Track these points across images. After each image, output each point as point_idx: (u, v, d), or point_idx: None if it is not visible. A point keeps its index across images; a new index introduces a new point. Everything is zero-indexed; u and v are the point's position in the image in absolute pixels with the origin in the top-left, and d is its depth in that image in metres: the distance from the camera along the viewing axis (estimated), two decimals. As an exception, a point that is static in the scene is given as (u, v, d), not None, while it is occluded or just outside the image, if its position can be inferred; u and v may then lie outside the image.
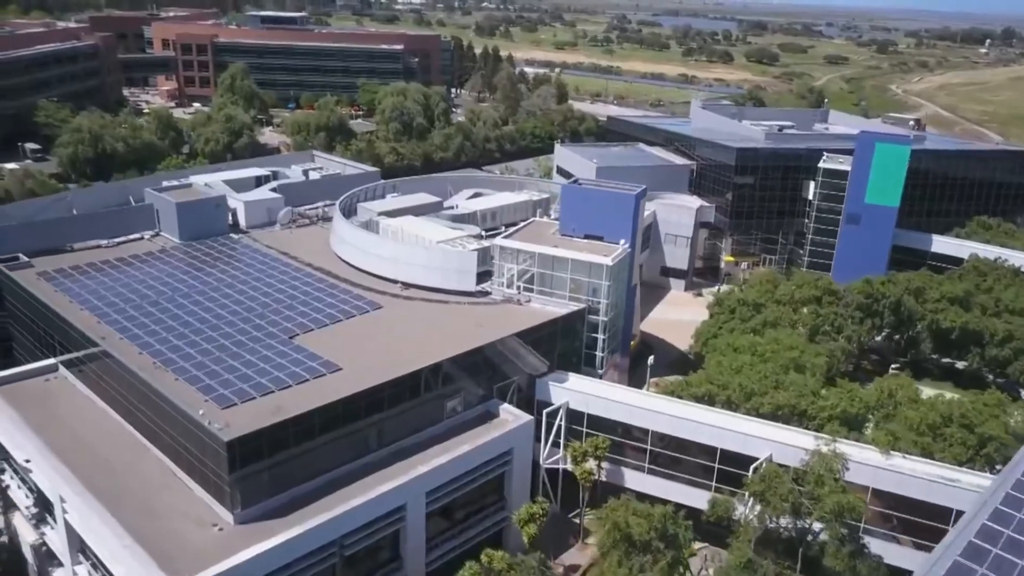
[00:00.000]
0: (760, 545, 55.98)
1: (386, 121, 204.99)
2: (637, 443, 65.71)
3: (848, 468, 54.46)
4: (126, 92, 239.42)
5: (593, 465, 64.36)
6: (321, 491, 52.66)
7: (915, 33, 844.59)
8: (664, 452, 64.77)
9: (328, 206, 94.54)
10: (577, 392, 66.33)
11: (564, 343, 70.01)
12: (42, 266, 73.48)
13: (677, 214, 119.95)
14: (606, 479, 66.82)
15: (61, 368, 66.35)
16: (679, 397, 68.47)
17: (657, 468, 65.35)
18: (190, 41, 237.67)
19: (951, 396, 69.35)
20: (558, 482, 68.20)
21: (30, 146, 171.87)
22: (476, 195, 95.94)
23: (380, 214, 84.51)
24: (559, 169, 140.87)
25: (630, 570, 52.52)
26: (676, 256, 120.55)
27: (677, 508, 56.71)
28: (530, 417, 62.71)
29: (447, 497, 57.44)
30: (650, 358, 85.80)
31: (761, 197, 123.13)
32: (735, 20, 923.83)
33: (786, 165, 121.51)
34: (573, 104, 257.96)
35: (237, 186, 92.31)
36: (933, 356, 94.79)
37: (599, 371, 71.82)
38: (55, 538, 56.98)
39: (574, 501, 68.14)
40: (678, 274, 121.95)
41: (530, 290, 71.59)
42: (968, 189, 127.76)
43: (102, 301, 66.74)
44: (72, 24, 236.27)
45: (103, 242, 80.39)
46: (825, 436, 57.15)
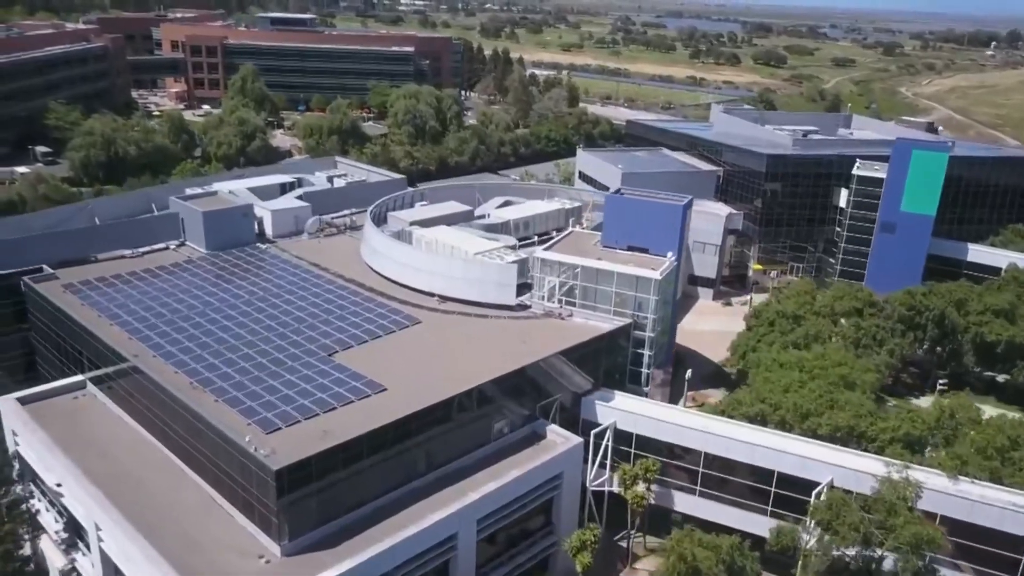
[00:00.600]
0: None
1: (398, 124, 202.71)
2: (688, 465, 63.19)
3: (921, 496, 51.96)
4: (134, 94, 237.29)
5: (642, 488, 61.90)
6: (369, 519, 50.25)
7: (920, 35, 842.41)
8: (716, 474, 62.28)
9: (355, 214, 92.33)
10: (625, 412, 63.84)
11: (608, 359, 67.58)
12: (67, 278, 71.08)
13: (705, 221, 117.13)
14: (653, 501, 64.31)
15: (89, 385, 63.91)
16: (730, 416, 65.99)
17: (709, 491, 62.85)
18: (200, 43, 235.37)
19: (1014, 416, 66.82)
20: (603, 504, 65.69)
21: (40, 149, 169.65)
22: (506, 203, 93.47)
23: (412, 224, 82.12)
24: (581, 175, 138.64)
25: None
26: (704, 264, 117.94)
27: (743, 537, 54.20)
28: (580, 439, 60.23)
29: (497, 524, 55.00)
30: (687, 372, 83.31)
31: (791, 204, 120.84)
32: (739, 22, 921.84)
33: (817, 172, 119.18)
34: (587, 107, 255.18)
35: (262, 194, 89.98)
36: (975, 369, 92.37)
37: (644, 388, 69.37)
38: (86, 565, 54.76)
39: (619, 522, 65.67)
40: (706, 283, 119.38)
41: (572, 304, 69.13)
42: (1000, 196, 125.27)
43: (132, 316, 64.31)
44: (81, 25, 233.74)
45: (127, 252, 78.02)
46: (895, 462, 54.58)
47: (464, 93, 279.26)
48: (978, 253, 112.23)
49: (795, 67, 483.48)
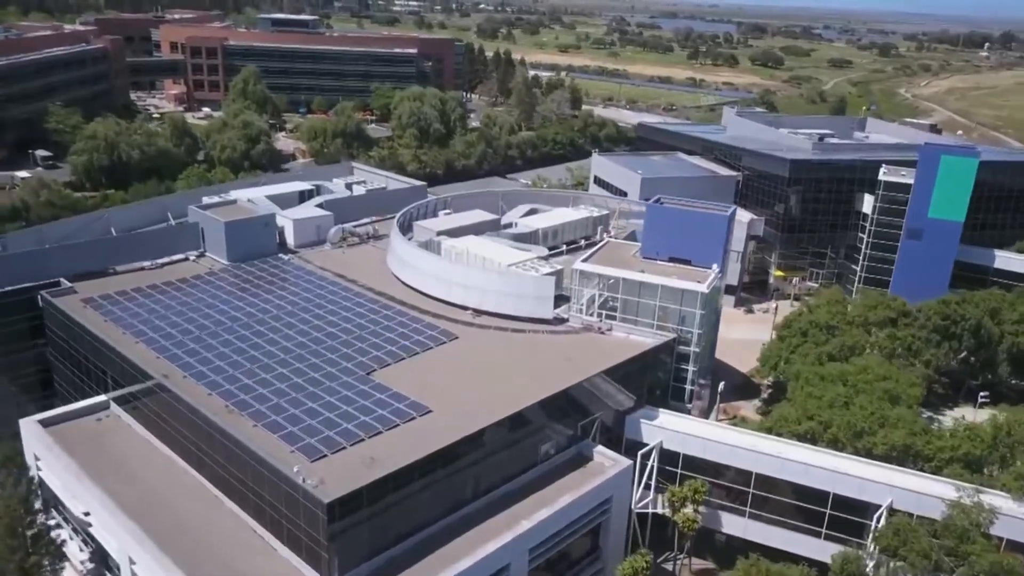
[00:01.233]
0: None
1: (402, 127, 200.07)
2: (737, 485, 60.91)
3: (995, 521, 49.80)
4: (132, 96, 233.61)
5: (691, 510, 59.61)
6: (419, 551, 47.90)
7: (913, 36, 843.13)
8: (767, 495, 60.00)
9: (375, 222, 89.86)
10: (672, 431, 61.49)
11: (651, 376, 65.26)
12: (85, 291, 68.32)
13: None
14: (700, 523, 61.97)
15: (113, 405, 61.21)
16: (777, 434, 63.76)
17: (759, 512, 60.57)
18: (200, 44, 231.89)
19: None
20: (647, 526, 63.36)
21: (41, 153, 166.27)
22: (531, 211, 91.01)
23: (439, 234, 79.61)
24: (597, 179, 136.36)
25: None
26: (726, 271, 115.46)
27: (809, 565, 51.97)
28: (629, 461, 57.96)
29: (548, 552, 52.65)
30: (720, 384, 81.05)
31: (813, 210, 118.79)
32: (733, 23, 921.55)
33: (840, 177, 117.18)
34: (593, 110, 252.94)
35: (280, 202, 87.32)
36: (1010, 380, 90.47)
37: (687, 405, 67.10)
38: (116, 598, 52.06)
39: (663, 544, 63.42)
40: (728, 290, 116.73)
41: (611, 317, 66.78)
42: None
43: (157, 332, 61.64)
44: (79, 27, 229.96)
45: (146, 264, 75.35)
46: (965, 485, 52.44)
47: (465, 95, 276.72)
48: (1006, 260, 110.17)
49: (792, 68, 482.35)
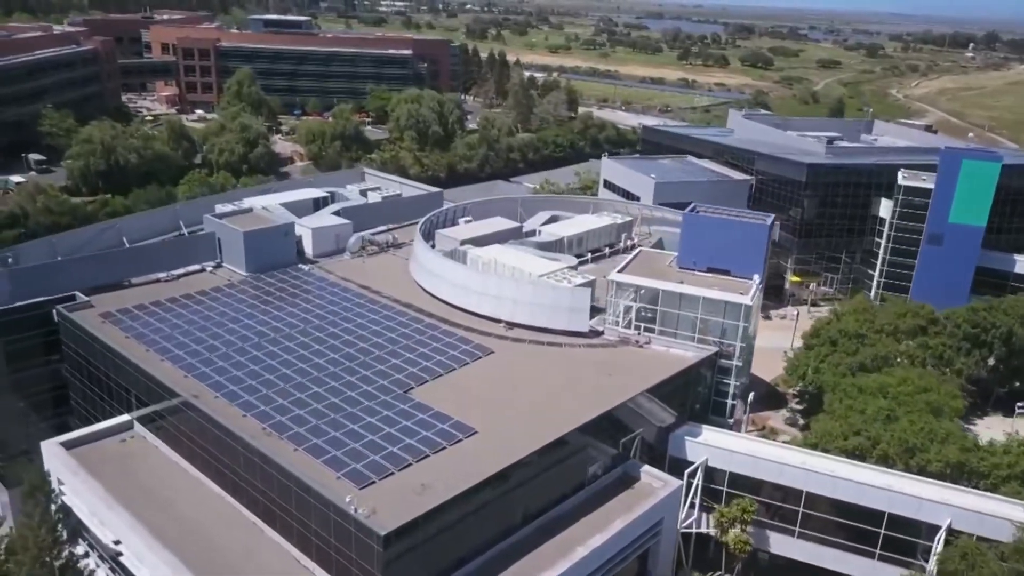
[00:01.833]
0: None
1: (400, 129, 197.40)
2: (785, 504, 59.01)
3: (1068, 545, 48.18)
4: (123, 98, 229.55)
5: (739, 531, 57.71)
6: (472, 581, 45.66)
7: (898, 37, 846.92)
8: (818, 514, 58.15)
9: (391, 230, 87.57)
10: (717, 448, 59.55)
11: (693, 390, 63.31)
12: (102, 305, 65.58)
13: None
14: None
15: (137, 425, 58.61)
16: (824, 450, 61.97)
17: (808, 531, 58.70)
18: (192, 45, 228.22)
19: None
20: (691, 547, 61.40)
21: (34, 157, 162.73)
22: (552, 218, 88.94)
23: (464, 243, 77.38)
24: (607, 183, 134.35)
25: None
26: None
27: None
28: (679, 482, 56.06)
29: (602, 579, 50.54)
30: (750, 395, 79.24)
31: (830, 214, 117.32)
32: (720, 23, 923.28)
33: (856, 181, 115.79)
34: (592, 112, 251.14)
35: (295, 209, 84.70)
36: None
37: (728, 420, 65.20)
38: (149, 631, 49.41)
39: (705, 564, 61.48)
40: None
41: (651, 330, 64.75)
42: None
43: (183, 349, 59.06)
44: (69, 28, 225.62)
45: (162, 275, 72.62)
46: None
47: (462, 97, 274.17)
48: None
49: (782, 69, 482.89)
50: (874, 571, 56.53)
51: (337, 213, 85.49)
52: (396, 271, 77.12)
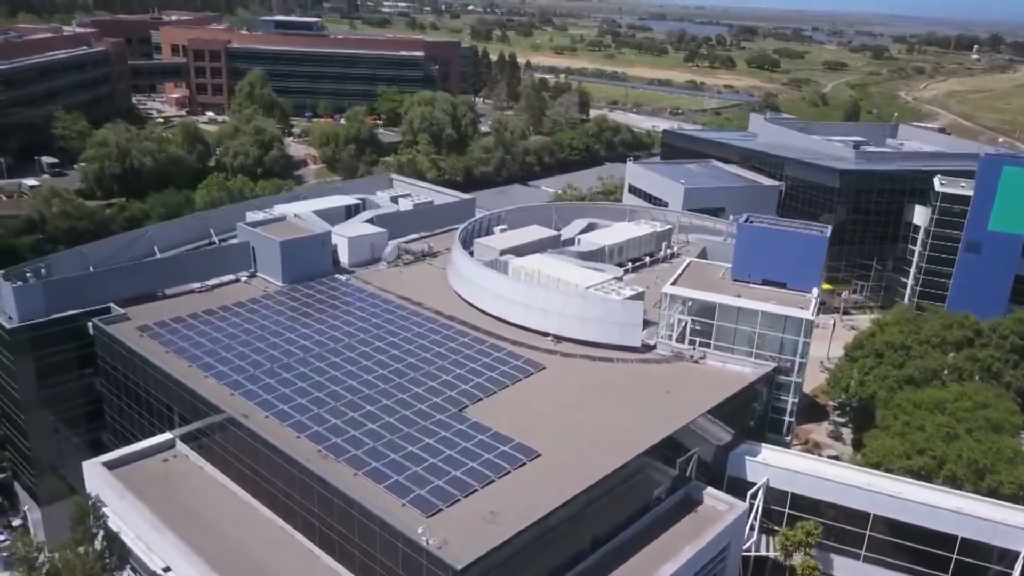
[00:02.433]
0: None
1: (414, 132, 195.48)
2: (851, 527, 57.00)
3: None
4: (133, 100, 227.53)
5: (803, 555, 55.73)
6: (543, 615, 43.61)
7: (902, 38, 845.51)
8: (885, 537, 56.15)
9: (424, 238, 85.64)
10: (779, 468, 57.56)
11: (751, 408, 61.28)
12: (138, 318, 63.46)
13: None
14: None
15: (179, 443, 56.55)
16: (887, 470, 59.95)
17: (875, 555, 56.70)
18: (203, 47, 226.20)
19: None
20: (749, 570, 59.40)
21: (47, 160, 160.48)
22: (589, 226, 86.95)
23: (504, 252, 75.40)
24: (632, 188, 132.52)
25: None
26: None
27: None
28: (744, 505, 54.10)
29: (673, 609, 48.44)
30: (795, 408, 77.22)
31: (862, 221, 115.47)
32: (723, 25, 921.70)
33: (890, 187, 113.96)
34: (607, 114, 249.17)
35: (327, 217, 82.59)
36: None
37: (786, 438, 63.18)
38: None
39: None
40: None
41: (704, 344, 62.72)
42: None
43: (226, 365, 56.97)
44: (79, 29, 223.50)
45: (196, 285, 70.54)
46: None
47: (473, 99, 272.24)
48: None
49: (789, 71, 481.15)
50: (944, 597, 54.60)
51: (370, 221, 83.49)
52: (434, 281, 75.06)
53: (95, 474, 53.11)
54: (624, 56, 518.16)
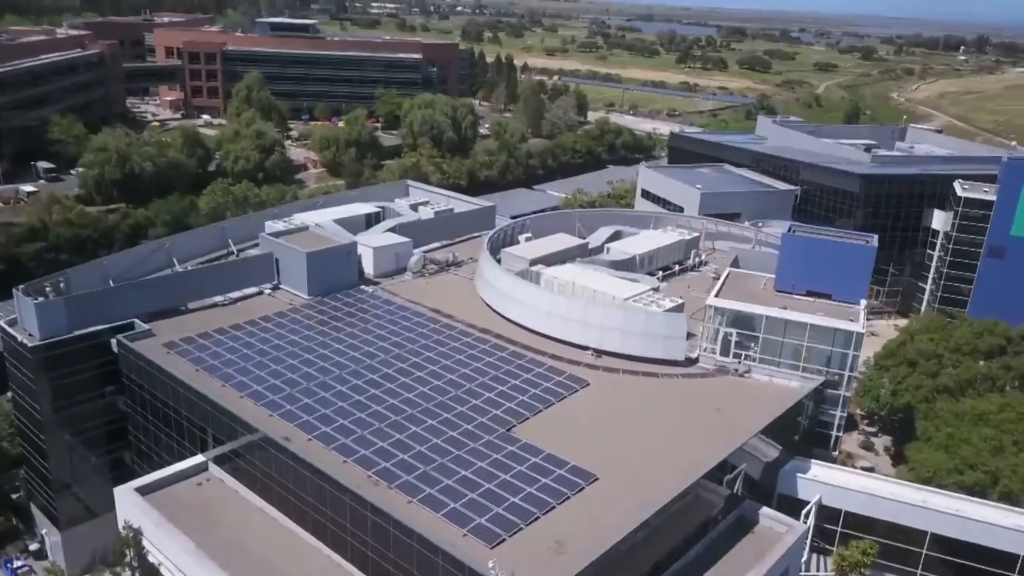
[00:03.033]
0: None
1: (414, 135, 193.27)
2: (907, 546, 55.41)
3: None
4: (126, 103, 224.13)
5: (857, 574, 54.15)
6: (611, 648, 41.68)
7: (889, 39, 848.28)
8: (942, 556, 54.59)
9: (446, 246, 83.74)
10: (831, 485, 55.90)
11: (799, 422, 59.62)
12: (163, 334, 61.25)
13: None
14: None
15: (211, 466, 54.33)
16: (939, 485, 58.45)
17: (931, 575, 55.14)
18: (198, 49, 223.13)
19: None
20: (800, 589, 57.74)
21: (43, 165, 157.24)
22: (616, 234, 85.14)
23: (533, 262, 73.50)
24: (645, 193, 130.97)
25: None
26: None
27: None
28: (803, 526, 52.31)
29: (737, 638, 46.73)
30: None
31: (880, 226, 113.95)
32: (712, 26, 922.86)
33: (909, 192, 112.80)
34: (609, 117, 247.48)
35: (348, 226, 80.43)
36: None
37: (833, 453, 61.58)
38: None
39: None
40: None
41: (749, 357, 60.98)
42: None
43: (261, 384, 54.82)
44: (72, 31, 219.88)
45: (219, 299, 68.34)
46: None
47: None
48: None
49: (780, 72, 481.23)
50: (1004, 617, 53.07)
51: (392, 230, 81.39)
52: (463, 292, 73.07)
53: (128, 500, 50.82)
54: (616, 57, 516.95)
